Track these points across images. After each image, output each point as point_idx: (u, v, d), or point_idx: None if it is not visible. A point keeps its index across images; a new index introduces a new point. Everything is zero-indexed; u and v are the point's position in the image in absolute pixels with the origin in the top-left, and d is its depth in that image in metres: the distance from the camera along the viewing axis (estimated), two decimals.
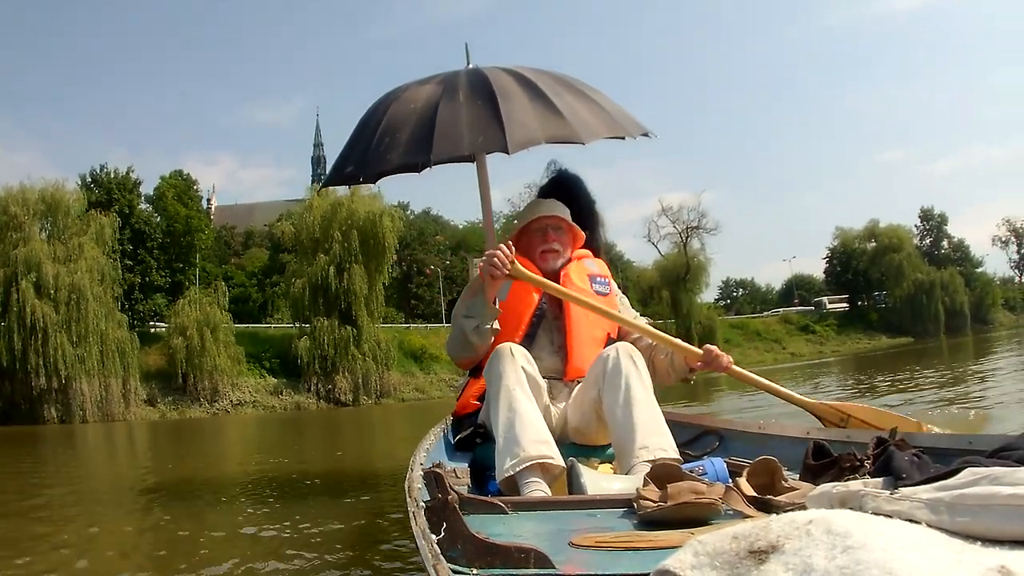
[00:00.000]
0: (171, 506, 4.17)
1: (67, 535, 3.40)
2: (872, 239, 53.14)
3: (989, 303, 56.00)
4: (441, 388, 31.42)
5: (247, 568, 2.41)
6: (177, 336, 26.99)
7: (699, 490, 1.32)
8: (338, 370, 28.86)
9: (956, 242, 58.35)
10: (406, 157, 2.57)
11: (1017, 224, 63.06)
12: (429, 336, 35.59)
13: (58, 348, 23.02)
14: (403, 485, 1.64)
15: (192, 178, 35.20)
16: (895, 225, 53.27)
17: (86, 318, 23.68)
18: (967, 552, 0.72)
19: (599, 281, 2.43)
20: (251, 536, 3.02)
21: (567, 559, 1.06)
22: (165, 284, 31.12)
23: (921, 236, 57.72)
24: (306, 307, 29.57)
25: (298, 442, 10.20)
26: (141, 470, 7.20)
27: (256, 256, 43.79)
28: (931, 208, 58.33)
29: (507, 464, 1.77)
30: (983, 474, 0.84)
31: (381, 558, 2.50)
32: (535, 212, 2.43)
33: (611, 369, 2.00)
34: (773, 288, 65.01)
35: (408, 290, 42.47)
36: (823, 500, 1.01)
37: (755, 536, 0.75)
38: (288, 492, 4.49)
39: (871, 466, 1.33)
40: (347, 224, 29.55)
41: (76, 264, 24.08)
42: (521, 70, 2.77)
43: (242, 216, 54.71)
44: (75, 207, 25.64)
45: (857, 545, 0.68)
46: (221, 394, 27.10)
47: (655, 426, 1.91)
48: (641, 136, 2.85)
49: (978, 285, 55.87)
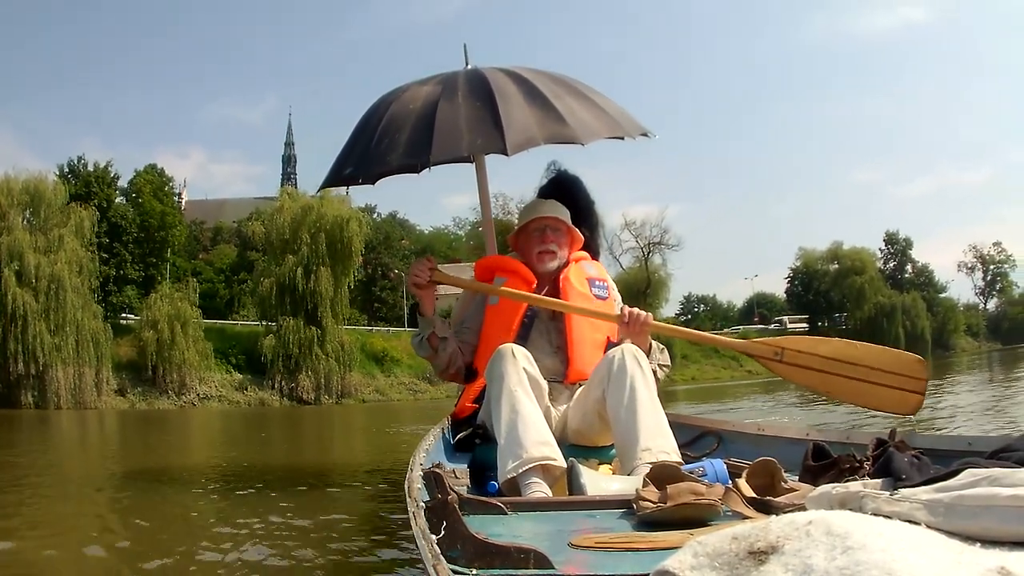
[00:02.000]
0: (151, 498, 4.20)
1: (40, 519, 3.44)
2: (835, 261, 53.68)
3: (951, 329, 56.38)
4: (400, 391, 32.73)
5: (246, 567, 2.41)
6: (148, 329, 27.91)
7: (698, 491, 1.32)
8: (302, 369, 29.84)
9: (920, 267, 58.89)
10: (405, 158, 2.57)
11: (984, 251, 63.84)
12: (391, 339, 36.58)
13: (37, 336, 23.84)
14: (403, 485, 1.64)
15: (167, 175, 36.42)
16: (858, 248, 53.90)
17: (64, 308, 24.53)
18: (967, 553, 0.72)
19: (598, 284, 2.42)
20: (245, 532, 3.02)
21: (567, 559, 1.06)
22: (138, 278, 32.10)
23: (885, 259, 58.18)
24: (273, 306, 30.53)
25: (275, 438, 10.50)
26: (128, 460, 7.30)
27: (224, 252, 44.58)
28: (896, 232, 58.92)
29: (509, 465, 1.77)
30: (983, 475, 0.85)
31: (381, 558, 2.50)
32: (534, 212, 2.43)
33: (616, 370, 1.99)
34: (735, 305, 65.33)
35: (372, 293, 43.47)
36: (823, 501, 1.01)
37: (755, 537, 0.75)
38: (272, 487, 4.50)
39: (871, 467, 1.33)
40: (316, 227, 30.53)
41: (56, 255, 24.90)
42: (520, 71, 2.78)
43: (212, 211, 55.18)
44: (57, 199, 26.38)
45: (857, 546, 0.68)
46: (188, 387, 28.00)
47: (658, 428, 1.91)
48: (641, 136, 2.86)
49: (941, 310, 56.17)
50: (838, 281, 52.09)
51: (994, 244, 64.25)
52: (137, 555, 2.61)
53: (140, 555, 2.60)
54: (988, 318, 64.14)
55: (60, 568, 2.55)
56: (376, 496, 4.06)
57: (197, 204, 56.49)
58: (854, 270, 51.58)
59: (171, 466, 6.02)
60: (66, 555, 2.67)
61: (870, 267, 52.76)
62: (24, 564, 2.55)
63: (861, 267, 51.86)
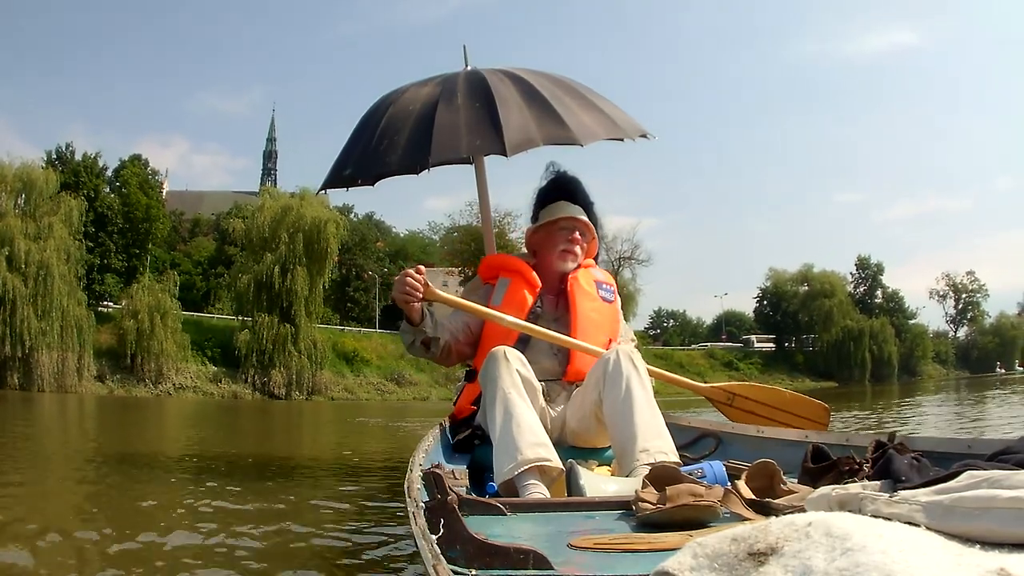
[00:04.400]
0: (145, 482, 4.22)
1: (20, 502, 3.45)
2: (805, 283, 54.21)
3: (919, 355, 56.70)
4: (368, 390, 33.66)
5: (246, 567, 2.41)
6: (129, 318, 28.88)
7: (698, 493, 1.32)
8: (275, 365, 30.86)
9: (890, 292, 59.13)
10: (405, 159, 2.57)
11: (956, 279, 64.27)
12: (362, 340, 37.48)
13: (24, 320, 24.82)
14: (403, 485, 1.64)
15: (154, 168, 37.40)
16: (828, 271, 54.52)
17: (51, 294, 25.51)
18: (966, 555, 0.72)
19: (605, 288, 2.43)
20: (242, 533, 3.02)
21: (566, 560, 1.06)
22: (121, 267, 32.89)
23: (856, 284, 58.46)
24: (250, 302, 31.54)
25: (260, 433, 10.66)
26: (123, 445, 7.39)
27: (202, 245, 45.50)
28: (868, 257, 59.28)
29: (505, 468, 1.76)
30: (982, 477, 0.85)
31: (380, 558, 2.50)
32: (565, 211, 2.41)
33: (612, 371, 1.99)
34: (704, 322, 65.46)
35: (345, 293, 44.21)
36: (822, 503, 1.01)
37: (754, 538, 0.75)
38: (261, 485, 4.49)
39: (870, 469, 1.33)
40: (295, 227, 31.56)
41: (46, 242, 25.83)
42: (519, 72, 2.78)
43: (191, 203, 55.99)
44: (48, 188, 27.17)
45: (856, 547, 0.68)
46: (165, 377, 28.98)
47: (656, 429, 1.91)
48: (640, 138, 2.86)
49: (909, 336, 56.52)
50: (807, 303, 52.77)
51: (967, 273, 65.13)
52: (124, 540, 2.61)
53: (126, 540, 2.60)
54: (958, 346, 64.44)
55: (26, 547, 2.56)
56: (374, 495, 4.05)
57: (177, 195, 57.05)
58: (823, 293, 52.25)
59: (165, 458, 6.02)
60: (39, 537, 2.68)
61: (839, 291, 53.39)
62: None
63: (831, 290, 52.52)
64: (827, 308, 51.42)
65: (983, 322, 65.21)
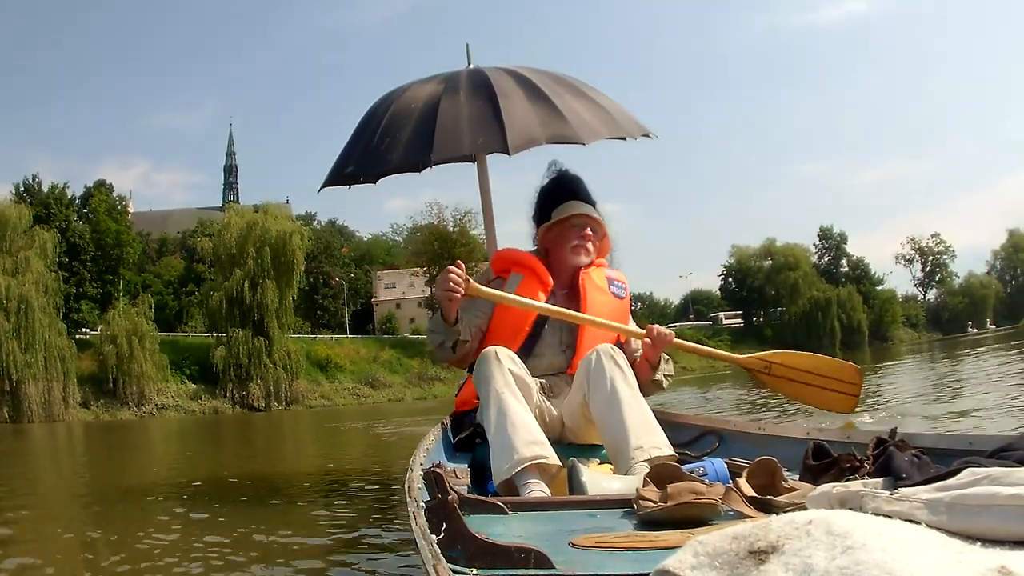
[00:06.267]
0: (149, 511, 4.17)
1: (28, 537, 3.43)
2: (768, 257, 54.20)
3: (888, 320, 56.52)
4: (345, 396, 34.41)
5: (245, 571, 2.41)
6: (108, 344, 29.58)
7: (699, 490, 1.32)
8: (252, 378, 31.73)
9: (855, 260, 59.06)
10: (407, 157, 2.57)
11: (922, 242, 64.24)
12: (334, 347, 38.30)
13: (10, 354, 25.52)
14: (403, 485, 1.64)
15: (120, 195, 38.91)
16: (792, 244, 54.56)
17: (33, 327, 26.26)
18: (967, 552, 0.72)
19: (616, 284, 2.43)
20: (237, 535, 3.03)
21: (567, 559, 1.06)
22: (96, 294, 33.76)
23: (820, 254, 58.55)
24: (223, 318, 32.44)
25: (240, 446, 10.84)
26: (120, 474, 7.28)
27: (171, 264, 46.61)
28: (831, 227, 59.28)
29: (503, 468, 1.76)
30: (983, 474, 0.84)
31: (380, 558, 2.50)
32: (577, 208, 2.40)
33: (594, 371, 1.99)
34: (672, 303, 65.38)
35: (315, 301, 44.95)
36: (823, 500, 1.01)
37: (755, 536, 0.75)
38: (256, 493, 4.53)
39: (871, 466, 1.33)
40: (261, 241, 32.54)
41: (24, 277, 26.63)
42: (522, 70, 2.78)
43: (156, 223, 57.09)
44: (22, 223, 28.04)
45: (857, 545, 0.68)
46: (147, 398, 29.68)
47: (647, 425, 1.90)
48: (642, 137, 2.86)
49: (877, 303, 56.28)
50: (771, 277, 52.87)
51: (932, 235, 65.03)
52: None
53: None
54: (928, 309, 64.41)
55: None
56: (373, 496, 4.06)
57: (142, 216, 57.92)
58: (787, 266, 52.35)
59: (157, 481, 5.99)
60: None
61: (804, 262, 53.55)
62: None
63: (795, 262, 52.63)
64: (792, 280, 51.66)
65: (952, 283, 65.32)
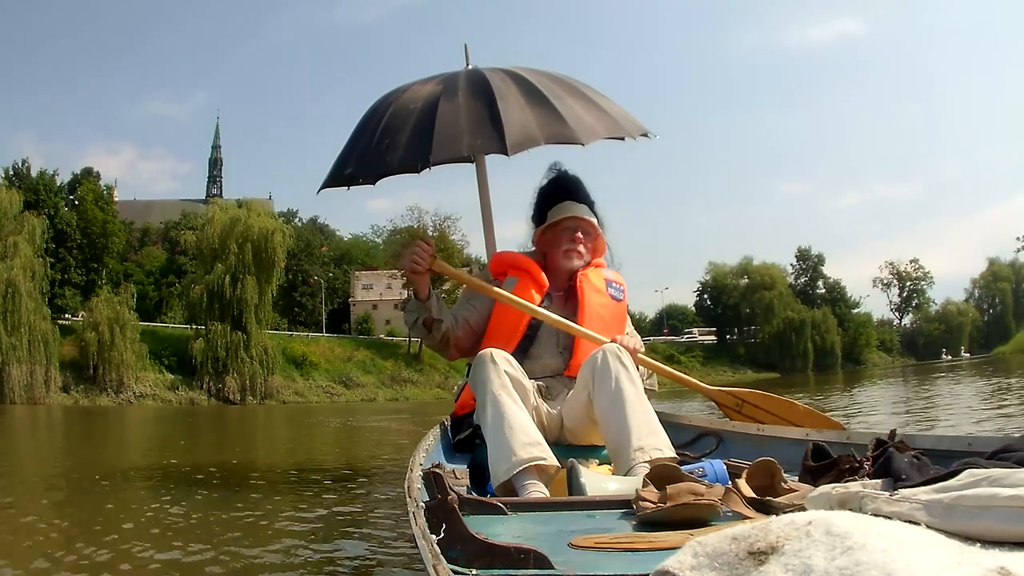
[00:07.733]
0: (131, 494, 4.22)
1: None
2: (745, 275, 54.39)
3: (863, 343, 56.68)
4: (318, 394, 35.03)
5: (245, 563, 2.41)
6: (90, 331, 30.12)
7: (698, 491, 1.32)
8: (228, 371, 32.30)
9: (831, 282, 59.35)
10: (406, 158, 2.57)
11: (900, 267, 64.52)
12: (310, 344, 38.83)
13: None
14: (403, 485, 1.64)
15: (108, 186, 39.23)
16: (769, 264, 54.90)
17: (19, 310, 26.76)
18: (966, 553, 0.72)
19: (614, 287, 2.43)
20: (236, 534, 3.02)
21: (566, 560, 1.06)
22: (80, 281, 34.27)
23: (796, 275, 58.81)
24: (203, 311, 33.00)
25: (217, 437, 11.01)
26: (121, 458, 7.46)
27: (153, 255, 46.89)
28: (808, 248, 59.57)
29: (501, 470, 1.76)
30: (983, 476, 0.85)
31: (379, 558, 2.50)
32: (569, 211, 2.41)
33: (600, 371, 1.99)
34: (646, 316, 64.80)
35: (293, 298, 45.38)
36: (822, 501, 1.01)
37: (755, 537, 0.75)
38: (249, 488, 4.52)
39: (870, 467, 1.33)
40: (243, 237, 33.03)
41: (12, 261, 27.05)
42: (520, 71, 2.78)
43: (140, 212, 57.31)
44: (12, 208, 28.42)
45: (857, 546, 0.68)
46: (126, 386, 30.26)
47: (649, 426, 1.90)
48: (641, 137, 2.86)
49: (852, 326, 56.51)
50: (747, 295, 53.07)
51: (911, 261, 65.41)
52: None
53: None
54: (903, 334, 64.50)
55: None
56: (373, 495, 4.06)
57: (126, 205, 57.92)
58: (763, 285, 52.60)
59: (145, 467, 6.03)
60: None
61: (780, 282, 53.84)
62: None
63: (771, 282, 52.93)
64: (768, 300, 51.99)
65: (928, 309, 65.61)
